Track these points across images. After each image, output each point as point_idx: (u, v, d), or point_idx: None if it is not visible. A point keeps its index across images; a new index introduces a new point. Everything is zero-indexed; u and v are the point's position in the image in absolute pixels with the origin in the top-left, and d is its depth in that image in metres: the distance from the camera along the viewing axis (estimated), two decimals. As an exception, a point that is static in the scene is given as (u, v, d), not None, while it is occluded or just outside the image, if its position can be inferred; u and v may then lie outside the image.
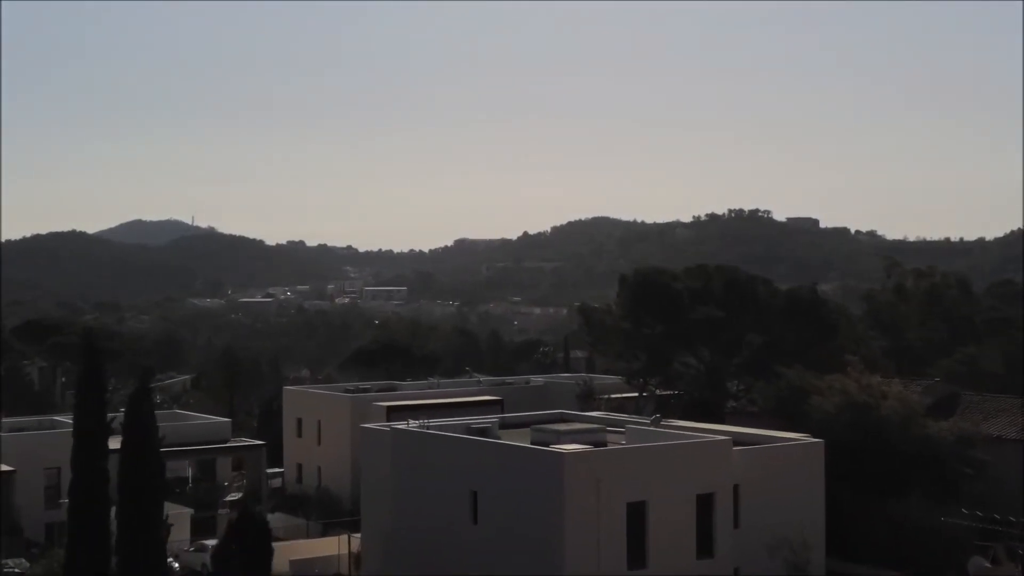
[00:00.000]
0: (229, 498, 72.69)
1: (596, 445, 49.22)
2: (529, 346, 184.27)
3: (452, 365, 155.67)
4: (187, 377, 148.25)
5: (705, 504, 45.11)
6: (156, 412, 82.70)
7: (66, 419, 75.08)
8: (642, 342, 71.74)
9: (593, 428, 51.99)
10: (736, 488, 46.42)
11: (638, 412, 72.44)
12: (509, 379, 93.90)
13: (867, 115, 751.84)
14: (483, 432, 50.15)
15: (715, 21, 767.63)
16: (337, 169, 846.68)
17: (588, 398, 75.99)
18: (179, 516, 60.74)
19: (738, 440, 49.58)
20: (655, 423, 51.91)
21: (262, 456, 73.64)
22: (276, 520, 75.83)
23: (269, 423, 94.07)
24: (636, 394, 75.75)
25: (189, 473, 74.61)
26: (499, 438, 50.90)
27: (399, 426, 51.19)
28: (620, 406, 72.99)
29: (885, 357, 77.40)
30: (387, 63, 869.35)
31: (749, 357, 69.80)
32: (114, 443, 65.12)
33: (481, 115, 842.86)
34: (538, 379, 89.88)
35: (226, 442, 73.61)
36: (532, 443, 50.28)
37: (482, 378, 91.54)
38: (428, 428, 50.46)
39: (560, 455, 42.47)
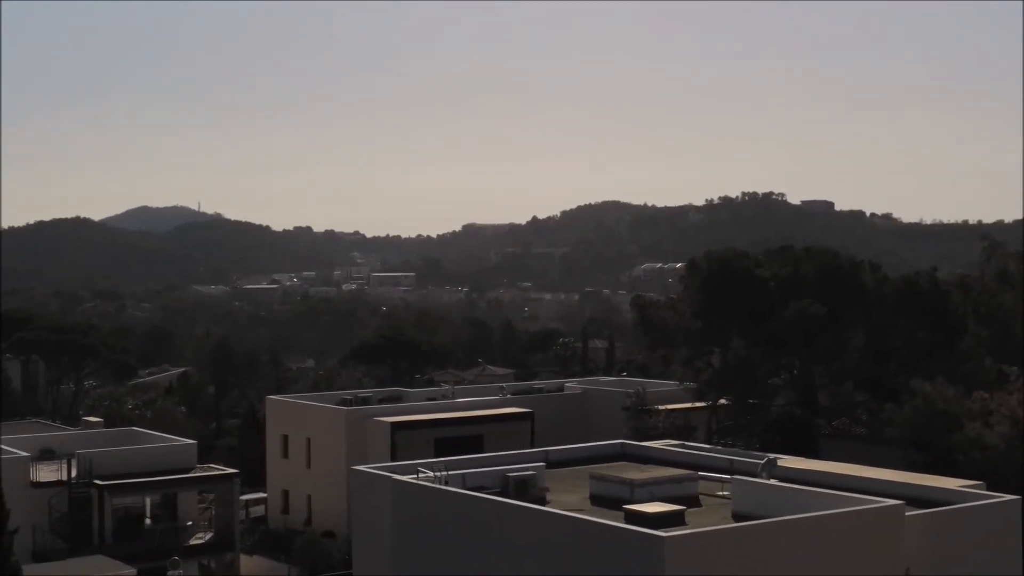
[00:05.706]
0: (194, 541, 57.93)
1: (688, 504, 34.52)
2: (545, 337, 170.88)
3: (463, 358, 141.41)
4: (175, 372, 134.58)
5: (866, 604, 29.94)
6: (111, 428, 70.82)
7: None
8: (719, 346, 56.13)
9: (678, 476, 37.05)
10: (907, 572, 31.23)
11: (709, 435, 57.36)
12: (537, 384, 79.80)
13: (882, 96, 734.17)
14: (524, 486, 35.02)
15: (726, 4, 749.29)
16: (344, 154, 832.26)
17: (642, 413, 60.91)
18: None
19: (877, 490, 34.71)
20: (768, 470, 36.62)
21: (234, 488, 58.63)
22: (253, 565, 61.75)
23: (254, 434, 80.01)
24: (704, 404, 60.30)
25: (148, 508, 59.81)
26: (547, 493, 35.88)
27: (405, 478, 35.61)
28: (685, 424, 57.90)
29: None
30: (394, 49, 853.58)
31: (853, 365, 54.23)
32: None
33: (489, 99, 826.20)
34: (574, 385, 74.71)
35: (190, 471, 58.43)
36: (592, 497, 35.87)
37: (506, 384, 76.55)
38: (448, 479, 35.21)
39: (659, 542, 27.11)
